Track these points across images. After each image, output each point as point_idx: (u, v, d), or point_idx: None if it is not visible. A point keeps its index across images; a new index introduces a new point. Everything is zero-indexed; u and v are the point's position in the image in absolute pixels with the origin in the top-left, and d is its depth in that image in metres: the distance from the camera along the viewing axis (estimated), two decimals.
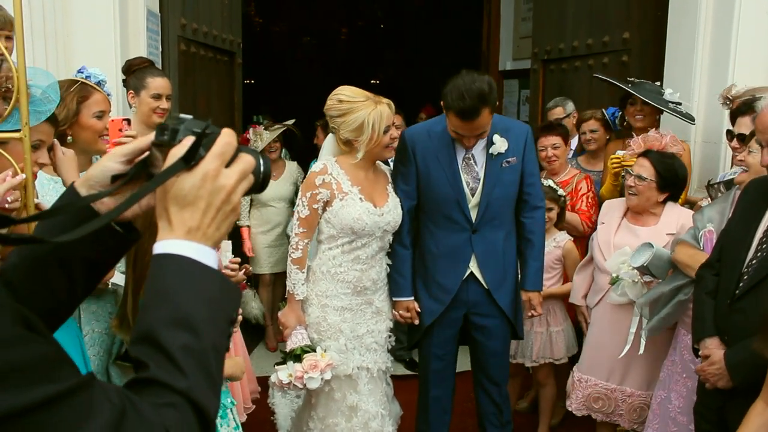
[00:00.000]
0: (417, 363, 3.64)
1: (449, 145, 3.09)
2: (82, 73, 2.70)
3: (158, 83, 3.31)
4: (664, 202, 3.26)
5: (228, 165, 0.98)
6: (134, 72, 3.31)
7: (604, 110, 4.44)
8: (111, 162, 1.09)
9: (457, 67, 3.09)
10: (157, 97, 3.31)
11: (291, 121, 5.35)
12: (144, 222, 1.19)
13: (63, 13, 3.47)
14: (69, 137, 2.56)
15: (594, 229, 3.67)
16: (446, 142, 3.09)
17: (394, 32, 13.91)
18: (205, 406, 0.89)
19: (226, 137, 0.98)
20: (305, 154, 6.21)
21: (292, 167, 5.44)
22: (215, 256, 0.98)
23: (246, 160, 1.00)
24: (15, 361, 0.76)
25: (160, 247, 0.95)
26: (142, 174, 1.07)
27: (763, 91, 3.23)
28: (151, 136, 1.04)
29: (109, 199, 1.09)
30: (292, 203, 5.21)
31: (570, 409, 3.48)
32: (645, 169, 3.20)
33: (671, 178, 3.22)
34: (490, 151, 3.08)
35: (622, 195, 3.54)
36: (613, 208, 3.45)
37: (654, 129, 3.60)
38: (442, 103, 2.94)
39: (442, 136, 3.10)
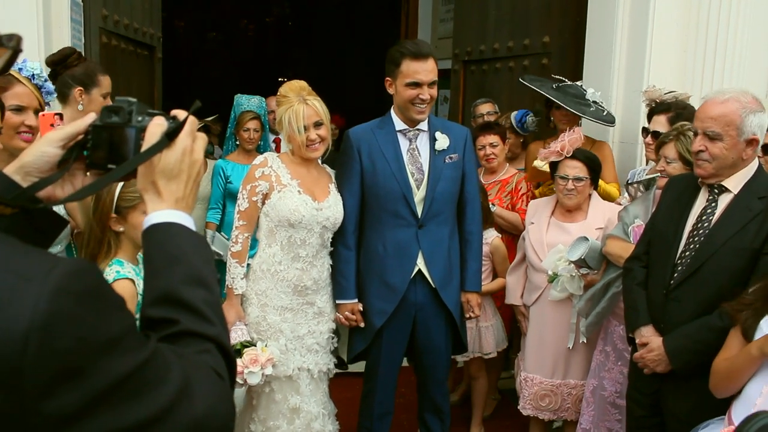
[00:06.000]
0: (344, 361, 3.59)
1: (395, 140, 3.15)
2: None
3: (108, 82, 3.15)
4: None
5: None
6: (76, 65, 3.07)
7: (513, 116, 4.45)
8: (49, 147, 1.09)
9: (371, 67, 3.15)
10: (107, 96, 3.13)
11: (211, 118, 5.21)
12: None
13: None
14: None
15: None
16: (391, 137, 3.15)
17: (303, 30, 13.81)
18: (229, 348, 1.03)
19: (191, 117, 1.09)
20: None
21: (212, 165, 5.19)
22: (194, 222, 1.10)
23: (201, 137, 1.11)
24: (125, 326, 0.85)
25: (157, 216, 1.05)
26: (80, 156, 1.11)
27: (683, 96, 3.48)
28: (88, 119, 1.09)
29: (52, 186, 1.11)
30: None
31: (523, 412, 3.52)
32: (579, 169, 3.35)
33: (597, 169, 3.42)
34: (435, 147, 3.15)
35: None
36: (540, 208, 3.57)
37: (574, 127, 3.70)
38: (387, 73, 3.12)
39: (387, 132, 3.16)
